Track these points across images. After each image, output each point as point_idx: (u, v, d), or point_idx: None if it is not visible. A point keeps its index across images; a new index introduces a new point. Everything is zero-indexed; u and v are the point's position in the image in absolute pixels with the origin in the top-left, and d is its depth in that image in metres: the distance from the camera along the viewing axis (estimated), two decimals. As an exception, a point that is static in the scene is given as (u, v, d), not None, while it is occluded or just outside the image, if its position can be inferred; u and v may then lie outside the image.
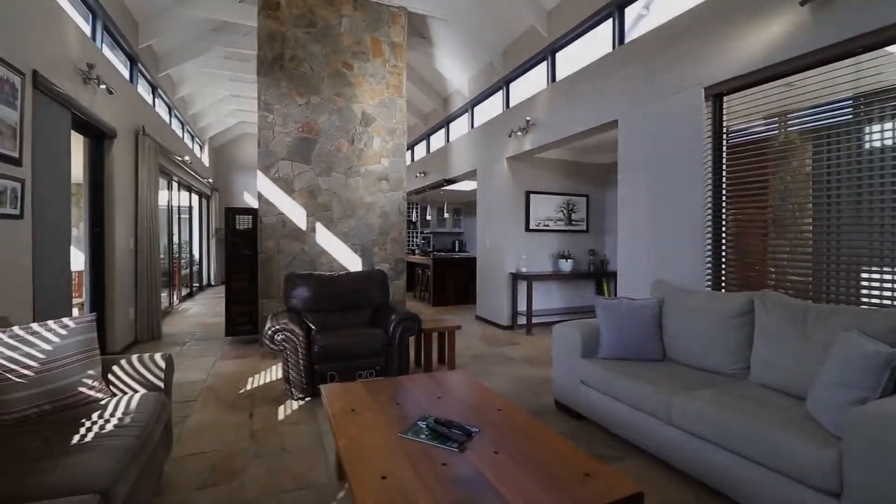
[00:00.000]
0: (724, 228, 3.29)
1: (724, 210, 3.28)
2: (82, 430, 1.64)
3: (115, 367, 2.06)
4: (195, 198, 9.69)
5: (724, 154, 3.27)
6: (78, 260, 4.17)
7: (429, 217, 10.34)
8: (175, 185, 7.81)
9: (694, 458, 2.07)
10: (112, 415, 1.78)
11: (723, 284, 3.30)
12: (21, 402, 1.74)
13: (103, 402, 1.90)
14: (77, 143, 4.09)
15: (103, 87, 3.62)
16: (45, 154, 2.97)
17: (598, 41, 4.75)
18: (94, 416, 1.76)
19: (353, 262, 5.22)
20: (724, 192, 3.28)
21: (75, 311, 5.15)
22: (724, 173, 3.28)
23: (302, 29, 4.97)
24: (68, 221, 3.42)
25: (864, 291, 2.53)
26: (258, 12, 4.80)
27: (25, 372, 1.76)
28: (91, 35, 4.12)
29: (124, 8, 5.01)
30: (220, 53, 7.25)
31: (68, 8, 3.49)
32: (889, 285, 2.41)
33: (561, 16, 5.11)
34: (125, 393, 2.03)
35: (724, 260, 3.30)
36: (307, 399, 3.20)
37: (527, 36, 5.69)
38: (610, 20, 4.45)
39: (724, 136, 3.27)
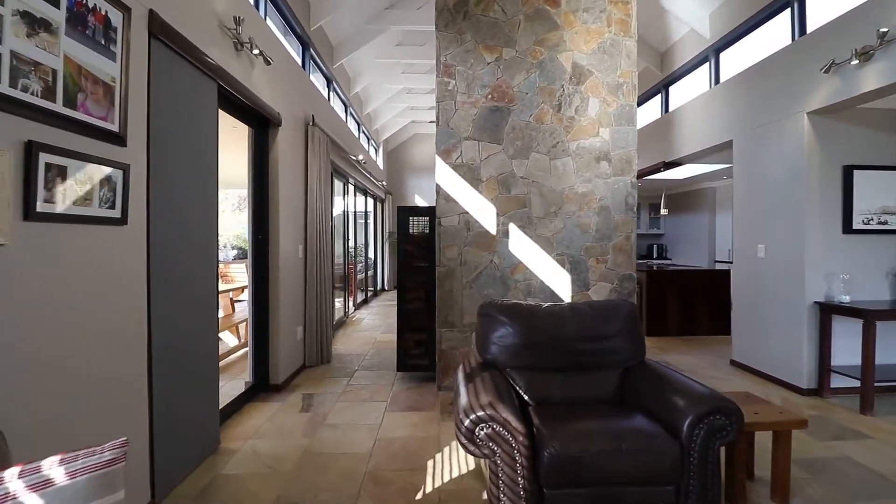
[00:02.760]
0: None
1: None
2: None
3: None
4: (370, 201, 9.50)
5: None
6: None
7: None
8: (351, 187, 7.48)
9: None
10: None
11: None
12: None
13: None
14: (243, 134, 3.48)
15: (257, 52, 2.82)
16: (177, 135, 2.16)
17: None
18: None
19: (559, 281, 3.67)
20: None
21: (225, 336, 4.74)
22: None
23: (492, -39, 3.65)
24: (214, 232, 2.56)
25: None
26: (438, -54, 3.65)
27: None
28: (254, 2, 3.46)
29: (296, -16, 4.43)
30: (393, 39, 6.57)
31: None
32: None
33: None
34: None
35: None
36: (528, 546, 1.76)
37: None
38: None
39: None
